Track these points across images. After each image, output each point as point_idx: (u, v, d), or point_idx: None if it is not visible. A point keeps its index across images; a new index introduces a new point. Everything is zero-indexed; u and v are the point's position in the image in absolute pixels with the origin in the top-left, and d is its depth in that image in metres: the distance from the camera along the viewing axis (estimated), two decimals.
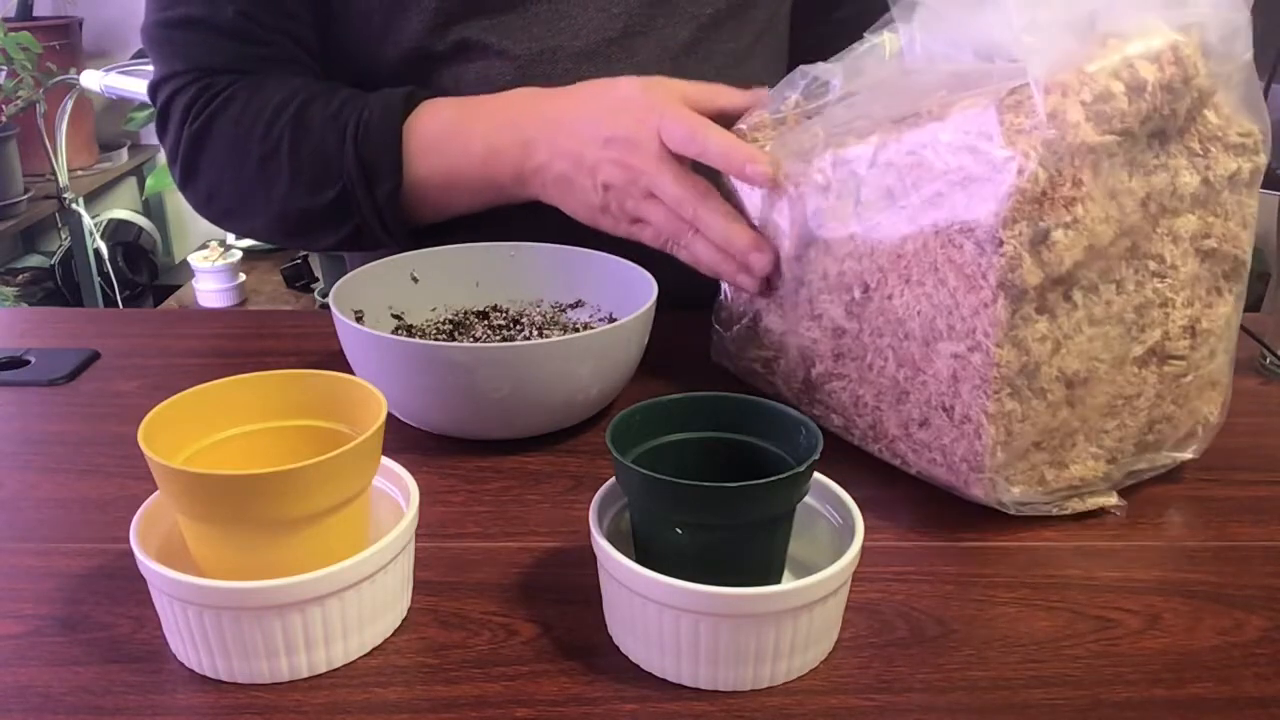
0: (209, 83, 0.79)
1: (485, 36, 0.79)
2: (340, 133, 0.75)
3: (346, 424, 0.50)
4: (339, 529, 0.46)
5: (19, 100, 2.29)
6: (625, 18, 0.81)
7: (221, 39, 0.79)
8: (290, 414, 0.50)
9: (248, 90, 0.79)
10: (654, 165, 0.67)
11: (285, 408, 0.50)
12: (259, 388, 0.50)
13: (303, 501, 0.44)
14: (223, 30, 0.79)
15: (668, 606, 0.43)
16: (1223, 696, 0.45)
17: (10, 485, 0.60)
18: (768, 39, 0.91)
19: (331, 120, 0.76)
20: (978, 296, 0.52)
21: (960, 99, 0.56)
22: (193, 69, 0.80)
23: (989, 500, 0.56)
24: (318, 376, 0.51)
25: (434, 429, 0.65)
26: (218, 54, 0.80)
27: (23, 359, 0.76)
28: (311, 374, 0.51)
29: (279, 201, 0.79)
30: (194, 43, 0.80)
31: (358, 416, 0.49)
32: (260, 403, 0.50)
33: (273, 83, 0.79)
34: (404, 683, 0.45)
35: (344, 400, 0.50)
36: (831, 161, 0.60)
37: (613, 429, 0.48)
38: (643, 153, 0.67)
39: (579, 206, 0.73)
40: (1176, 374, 0.57)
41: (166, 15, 0.80)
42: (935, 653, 0.47)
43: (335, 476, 0.45)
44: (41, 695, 0.44)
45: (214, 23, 0.78)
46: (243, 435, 0.50)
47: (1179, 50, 0.51)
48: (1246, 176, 0.56)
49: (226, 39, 0.79)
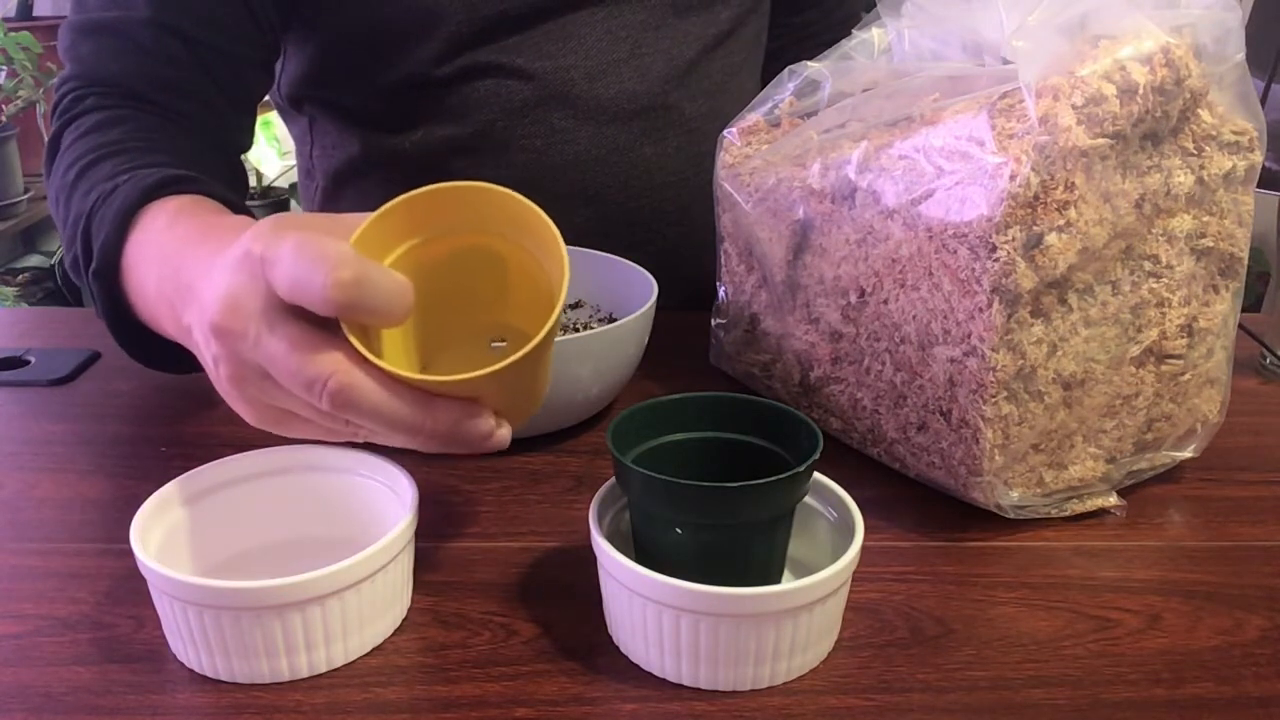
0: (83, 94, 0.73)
1: (496, 58, 0.81)
2: (84, 210, 0.63)
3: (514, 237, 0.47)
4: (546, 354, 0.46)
5: (19, 100, 2.29)
6: (630, 41, 0.83)
7: (133, 52, 0.73)
8: (448, 230, 0.47)
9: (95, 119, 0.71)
10: (256, 327, 0.43)
11: (444, 224, 0.47)
12: (414, 209, 0.46)
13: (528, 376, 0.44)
14: (138, 43, 0.73)
15: (668, 606, 0.43)
16: (1223, 696, 0.45)
17: (10, 485, 0.61)
18: (755, 52, 0.95)
19: (85, 195, 0.64)
20: (972, 301, 0.52)
21: (952, 103, 0.56)
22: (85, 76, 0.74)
23: (988, 503, 0.56)
24: (467, 190, 0.46)
25: None
26: (118, 64, 0.73)
27: (23, 359, 0.76)
28: (463, 188, 0.46)
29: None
30: (103, 50, 0.73)
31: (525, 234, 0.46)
32: (416, 225, 0.47)
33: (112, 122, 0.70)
34: (404, 683, 0.45)
35: (498, 211, 0.46)
36: (825, 166, 0.60)
37: (613, 429, 0.48)
38: (243, 313, 0.43)
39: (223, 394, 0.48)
40: (1174, 373, 0.57)
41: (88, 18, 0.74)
42: (935, 653, 0.47)
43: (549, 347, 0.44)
44: (41, 695, 0.44)
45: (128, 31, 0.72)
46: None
47: (1171, 52, 0.51)
48: (1242, 174, 0.56)
49: (137, 52, 0.73)
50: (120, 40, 0.72)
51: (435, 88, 0.82)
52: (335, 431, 0.46)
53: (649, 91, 0.84)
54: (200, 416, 0.68)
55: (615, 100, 0.83)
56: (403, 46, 0.80)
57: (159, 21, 0.72)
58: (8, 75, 2.28)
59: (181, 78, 0.73)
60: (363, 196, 0.90)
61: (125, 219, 0.59)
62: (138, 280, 0.58)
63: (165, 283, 0.54)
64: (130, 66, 0.73)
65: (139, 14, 0.71)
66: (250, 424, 0.47)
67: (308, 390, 0.42)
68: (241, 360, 0.44)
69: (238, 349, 0.43)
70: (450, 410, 0.43)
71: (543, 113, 0.82)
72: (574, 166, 0.84)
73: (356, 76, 0.84)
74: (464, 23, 0.79)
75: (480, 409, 0.44)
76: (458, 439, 0.44)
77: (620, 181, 0.85)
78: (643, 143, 0.85)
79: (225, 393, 0.46)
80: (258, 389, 0.45)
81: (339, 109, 0.88)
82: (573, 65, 0.82)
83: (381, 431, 0.44)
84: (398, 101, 0.83)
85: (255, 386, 0.45)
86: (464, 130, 0.83)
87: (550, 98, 0.82)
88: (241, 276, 0.43)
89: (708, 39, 0.87)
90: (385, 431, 0.44)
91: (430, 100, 0.82)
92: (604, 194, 0.85)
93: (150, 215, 0.59)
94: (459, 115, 0.83)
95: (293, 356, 0.42)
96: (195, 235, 0.55)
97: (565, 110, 0.83)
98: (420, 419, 0.43)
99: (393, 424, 0.43)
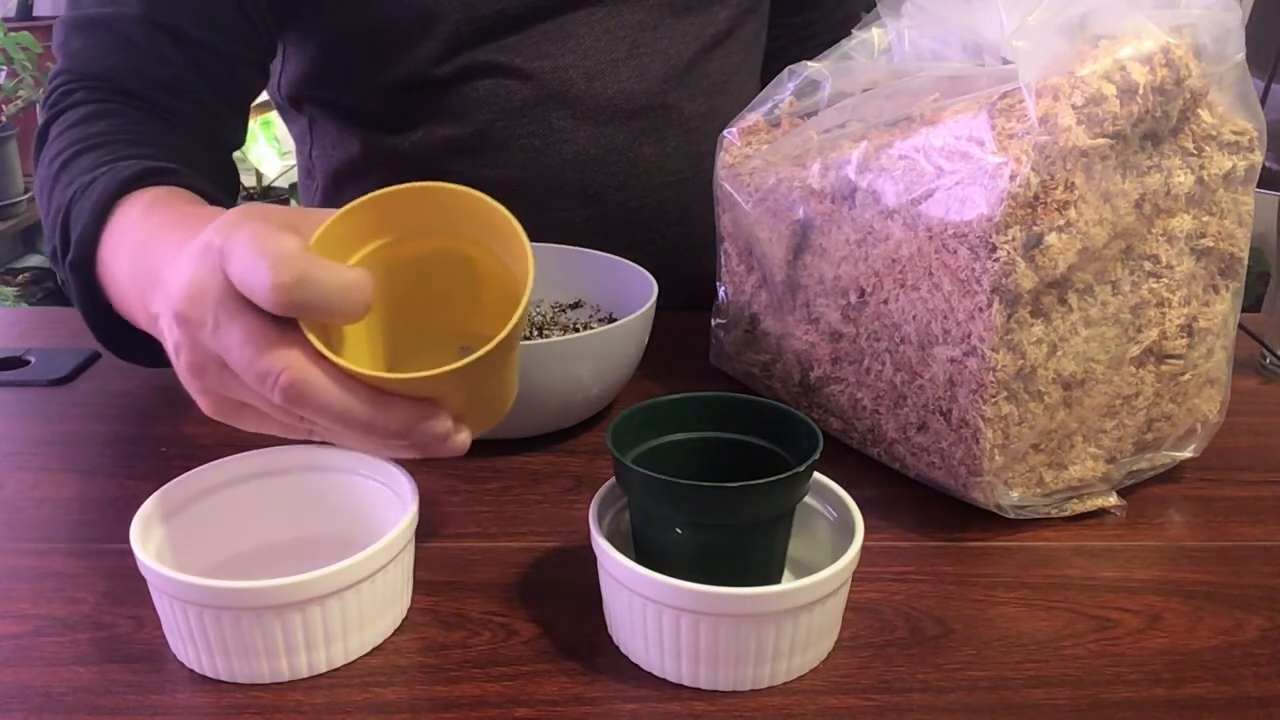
0: (74, 87, 0.74)
1: (495, 57, 0.81)
2: (64, 202, 0.64)
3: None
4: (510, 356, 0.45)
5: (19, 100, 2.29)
6: (629, 40, 0.83)
7: (124, 47, 0.73)
8: (419, 231, 0.47)
9: (83, 112, 0.71)
10: (214, 317, 0.42)
11: (412, 225, 0.47)
12: (381, 208, 0.46)
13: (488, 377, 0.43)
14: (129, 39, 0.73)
15: (668, 606, 0.43)
16: (1223, 696, 0.45)
17: (10, 485, 0.61)
18: (753, 52, 0.95)
19: (66, 186, 0.65)
20: (972, 301, 0.52)
21: (952, 103, 0.56)
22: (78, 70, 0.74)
23: (988, 504, 0.56)
24: (435, 190, 0.46)
25: None
26: (110, 59, 0.73)
27: (23, 359, 0.76)
28: (429, 188, 0.46)
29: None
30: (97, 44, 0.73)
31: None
32: (381, 225, 0.47)
33: (99, 114, 0.71)
34: (404, 683, 0.45)
35: (464, 212, 0.46)
36: (825, 166, 0.60)
37: (613, 429, 0.48)
38: (203, 302, 0.43)
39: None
40: (1174, 373, 0.57)
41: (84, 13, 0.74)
42: (935, 653, 0.47)
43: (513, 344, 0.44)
44: (41, 695, 0.44)
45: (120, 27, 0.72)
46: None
47: (1171, 52, 0.51)
48: (1242, 174, 0.56)
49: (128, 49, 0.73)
50: (112, 36, 0.72)
51: (434, 87, 0.82)
52: (291, 427, 0.45)
53: (647, 91, 0.84)
54: (200, 416, 0.67)
55: (614, 100, 0.83)
56: (402, 46, 0.80)
57: (151, 19, 0.72)
58: (8, 75, 2.29)
59: (172, 75, 0.73)
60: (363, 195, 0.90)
61: (102, 211, 0.59)
62: (112, 272, 0.58)
63: (137, 272, 0.55)
64: (121, 62, 0.73)
65: (131, 11, 0.72)
66: (208, 415, 0.46)
67: (260, 383, 0.41)
68: (201, 349, 0.43)
69: (197, 337, 0.43)
70: (406, 410, 0.42)
71: (541, 112, 0.83)
72: (573, 166, 0.84)
73: (356, 76, 0.84)
74: (462, 22, 0.79)
75: (437, 410, 0.43)
76: (414, 440, 0.43)
77: (619, 181, 0.85)
78: (641, 143, 0.85)
79: (186, 382, 0.45)
80: (216, 379, 0.44)
81: (339, 109, 0.88)
82: (571, 65, 0.82)
83: (336, 429, 0.43)
84: (397, 101, 0.83)
85: (214, 377, 0.44)
86: (463, 130, 0.83)
87: (549, 97, 0.82)
88: (204, 267, 0.43)
89: (706, 39, 0.87)
90: (340, 429, 0.43)
91: (429, 100, 0.82)
92: (603, 194, 0.85)
93: (127, 207, 0.59)
94: (458, 115, 0.83)
95: (247, 349, 0.41)
96: (167, 225, 0.54)
97: (564, 110, 0.83)
98: (374, 417, 0.42)
99: (346, 421, 0.42)
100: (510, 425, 0.64)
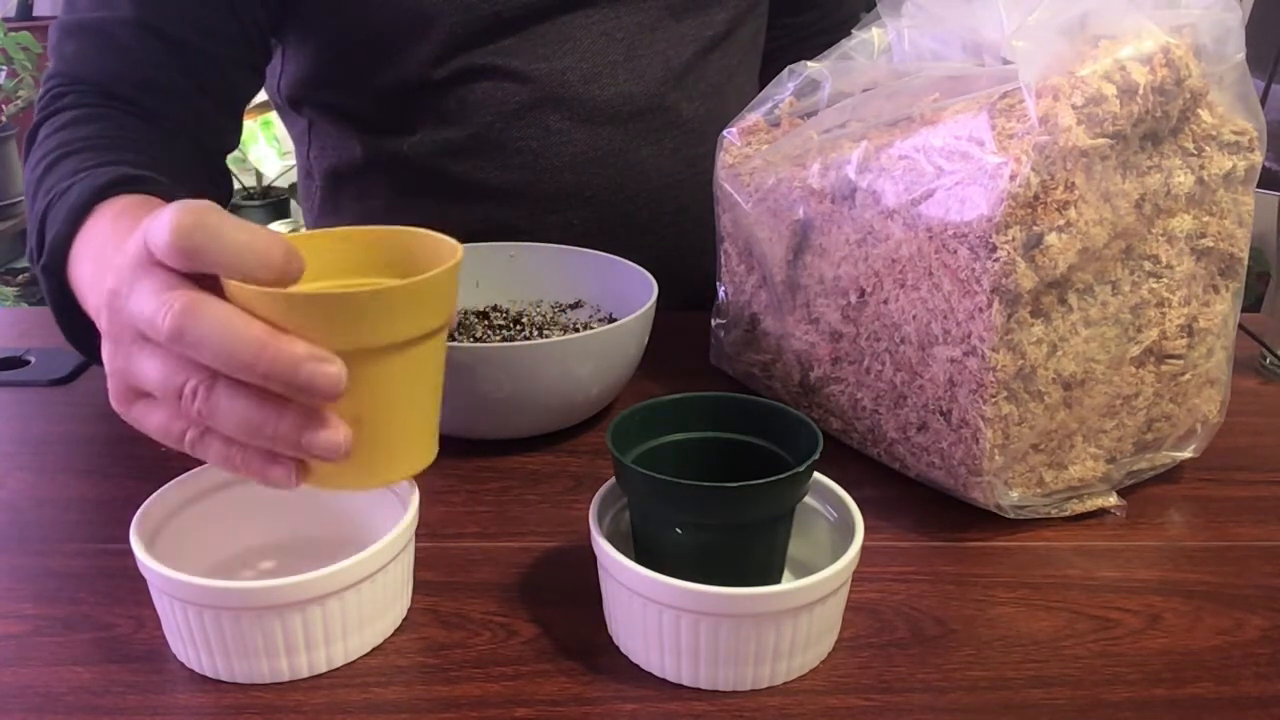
0: (65, 90, 0.74)
1: (492, 60, 0.81)
2: (43, 206, 0.64)
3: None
4: (420, 366, 0.44)
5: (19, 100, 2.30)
6: (627, 43, 0.83)
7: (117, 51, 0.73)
8: (373, 270, 0.48)
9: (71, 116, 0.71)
10: (130, 285, 0.42)
11: (368, 264, 0.48)
12: (344, 243, 0.48)
13: (389, 325, 0.41)
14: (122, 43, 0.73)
15: (668, 606, 0.43)
16: (1223, 696, 0.45)
17: (10, 485, 0.61)
18: (751, 53, 0.95)
19: (47, 191, 0.65)
20: (972, 301, 0.52)
21: (952, 103, 0.56)
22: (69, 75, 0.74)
23: (988, 504, 0.56)
24: (400, 233, 0.48)
25: None
26: (102, 64, 0.73)
27: (23, 359, 0.76)
28: (394, 231, 0.48)
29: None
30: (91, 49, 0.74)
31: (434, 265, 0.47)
32: (342, 259, 0.48)
33: (87, 119, 0.71)
34: (404, 683, 0.45)
35: (423, 253, 0.47)
36: (825, 166, 0.60)
37: (613, 429, 0.48)
38: (122, 274, 0.43)
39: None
40: (1174, 373, 0.57)
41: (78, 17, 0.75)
42: (935, 653, 0.47)
43: (420, 302, 0.42)
44: (41, 695, 0.44)
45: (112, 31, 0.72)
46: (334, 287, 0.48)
47: (1171, 52, 0.51)
48: (1242, 174, 0.56)
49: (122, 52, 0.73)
50: (103, 40, 0.72)
51: (432, 90, 0.82)
52: (180, 414, 0.43)
53: (645, 93, 0.84)
54: None
55: (611, 102, 0.83)
56: (398, 48, 0.80)
57: (142, 22, 0.72)
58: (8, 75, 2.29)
59: (163, 79, 0.73)
60: (362, 197, 0.90)
61: (76, 216, 0.59)
62: (78, 276, 0.59)
63: (97, 276, 0.55)
64: (112, 66, 0.73)
65: (123, 15, 0.72)
66: (113, 405, 0.45)
67: (152, 322, 0.40)
68: (116, 318, 0.43)
69: (114, 306, 0.43)
70: (297, 346, 0.40)
71: (539, 114, 0.83)
72: (571, 168, 0.84)
73: (353, 78, 0.84)
74: (458, 24, 0.79)
75: (332, 357, 0.40)
76: (298, 381, 0.40)
77: (617, 183, 0.85)
78: (640, 144, 0.85)
79: (106, 361, 0.45)
80: (125, 355, 0.43)
81: (337, 111, 0.88)
82: (568, 67, 0.82)
83: (222, 397, 0.41)
84: (395, 103, 0.83)
85: (124, 351, 0.43)
86: (461, 132, 0.83)
87: (546, 99, 0.82)
88: (131, 246, 0.43)
89: (704, 41, 0.87)
90: (228, 392, 0.41)
91: (427, 102, 0.82)
92: (601, 195, 0.85)
93: (98, 213, 0.59)
94: (456, 117, 0.83)
95: (151, 299, 0.41)
96: (128, 230, 0.52)
97: (562, 112, 0.83)
98: (259, 350, 0.40)
99: (231, 357, 0.40)
100: (510, 425, 0.64)
